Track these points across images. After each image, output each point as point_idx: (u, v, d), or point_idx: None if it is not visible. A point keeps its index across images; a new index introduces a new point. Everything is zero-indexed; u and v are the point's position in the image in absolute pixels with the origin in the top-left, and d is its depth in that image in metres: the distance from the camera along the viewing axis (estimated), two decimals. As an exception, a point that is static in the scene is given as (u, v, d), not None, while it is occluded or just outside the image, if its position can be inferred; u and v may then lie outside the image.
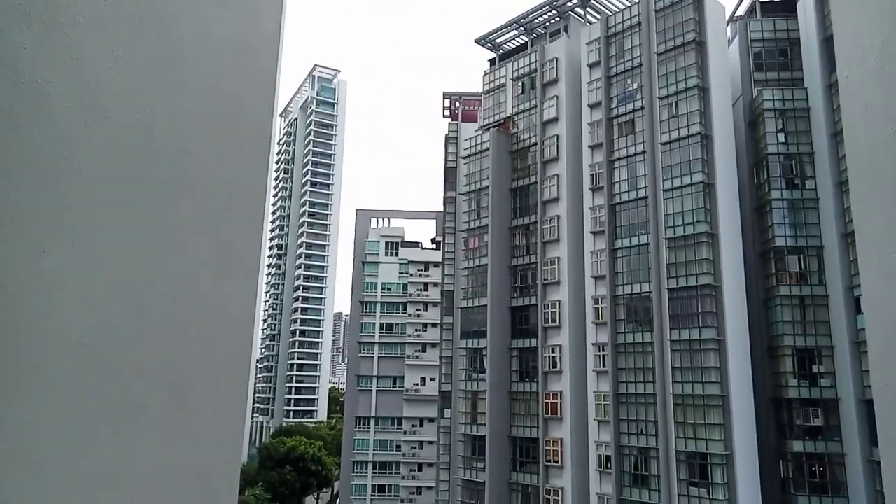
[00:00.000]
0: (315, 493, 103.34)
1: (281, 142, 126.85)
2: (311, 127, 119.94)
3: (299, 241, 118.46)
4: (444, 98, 60.89)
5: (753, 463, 31.94)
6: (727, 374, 32.25)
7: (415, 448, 70.98)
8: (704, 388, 32.57)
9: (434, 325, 67.38)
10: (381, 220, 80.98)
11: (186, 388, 1.30)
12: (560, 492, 37.29)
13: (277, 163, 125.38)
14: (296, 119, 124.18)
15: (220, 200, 1.40)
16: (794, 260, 34.09)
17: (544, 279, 40.89)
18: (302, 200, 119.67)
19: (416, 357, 71.80)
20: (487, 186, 44.56)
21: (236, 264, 1.44)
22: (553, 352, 39.62)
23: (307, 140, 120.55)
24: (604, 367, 36.89)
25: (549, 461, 38.13)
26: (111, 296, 1.19)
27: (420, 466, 70.24)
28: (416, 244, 78.34)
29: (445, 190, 51.80)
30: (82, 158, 1.16)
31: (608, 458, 35.45)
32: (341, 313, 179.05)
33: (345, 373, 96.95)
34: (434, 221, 76.84)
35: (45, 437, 1.08)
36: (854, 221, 1.66)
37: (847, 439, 31.06)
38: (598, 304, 38.13)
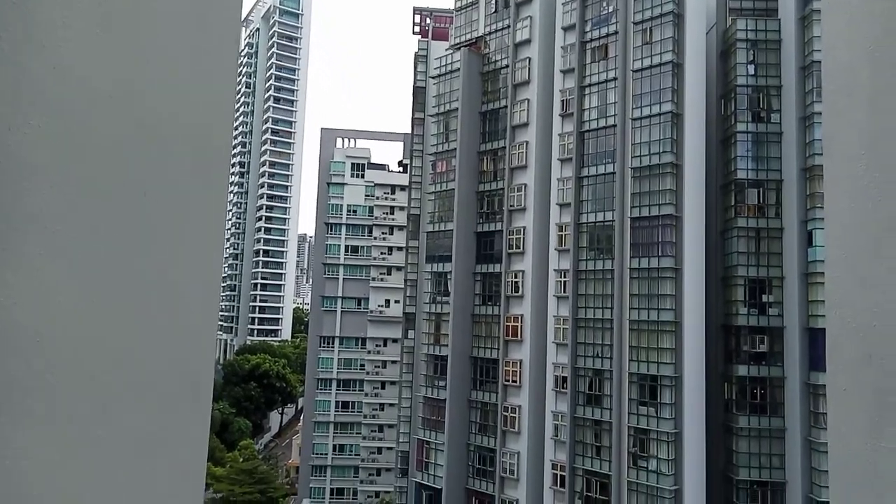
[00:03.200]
0: (279, 408, 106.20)
1: (242, 53, 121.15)
2: (275, 39, 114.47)
3: (262, 160, 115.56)
4: (414, 14, 58.48)
5: (700, 385, 33.78)
6: (682, 302, 33.51)
7: (378, 367, 72.83)
8: (659, 314, 33.84)
9: (399, 248, 67.65)
10: (346, 141, 79.26)
11: (149, 385, 1.26)
12: (517, 409, 39.01)
13: (238, 75, 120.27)
14: (257, 29, 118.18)
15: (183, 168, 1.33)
16: (754, 193, 34.87)
17: (510, 205, 41.06)
18: (265, 117, 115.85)
19: (381, 279, 72.42)
20: (457, 109, 43.71)
21: (199, 239, 1.37)
22: (516, 277, 40.37)
23: (270, 53, 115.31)
24: (564, 292, 37.85)
25: (508, 381, 39.63)
26: (71, 287, 1.12)
27: (383, 384, 72.34)
28: (382, 166, 77.30)
29: (414, 111, 50.68)
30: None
31: (564, 378, 37.00)
32: (305, 234, 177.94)
33: (309, 293, 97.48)
34: (401, 144, 75.61)
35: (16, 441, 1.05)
36: (824, 140, 1.66)
37: (788, 365, 33.03)
38: (562, 231, 38.65)
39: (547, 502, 37.09)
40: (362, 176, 75.80)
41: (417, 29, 57.65)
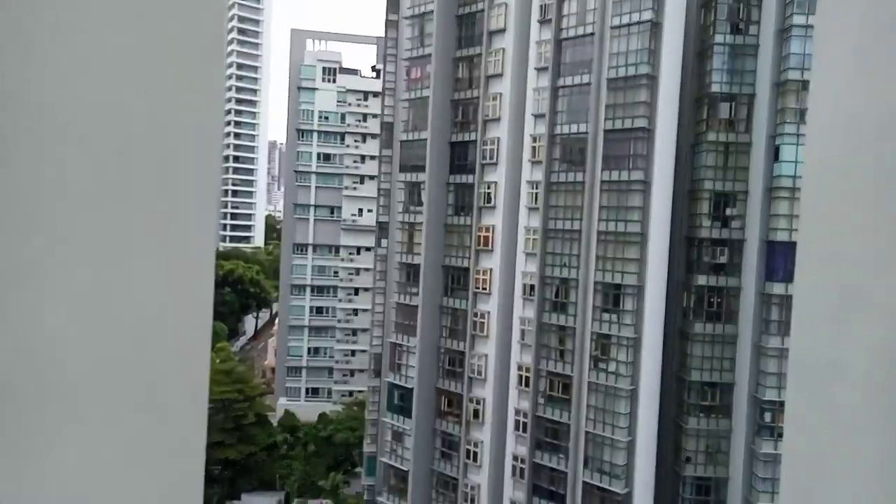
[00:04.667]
0: (254, 313, 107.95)
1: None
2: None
3: (229, 61, 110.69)
4: None
5: (661, 294, 35.34)
6: (649, 214, 34.38)
7: (352, 274, 73.94)
8: (627, 226, 34.74)
9: (373, 157, 66.90)
10: (317, 43, 76.05)
11: (145, 385, 1.24)
12: (486, 315, 40.49)
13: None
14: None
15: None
16: (726, 107, 35.02)
17: (485, 115, 40.63)
18: (230, 14, 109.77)
19: (355, 188, 72.08)
20: (433, 11, 42.10)
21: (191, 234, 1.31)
22: (489, 188, 40.63)
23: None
24: (536, 203, 38.38)
25: (479, 288, 40.84)
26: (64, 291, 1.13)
27: (357, 291, 73.75)
28: (355, 71, 74.83)
29: (387, 13, 48.60)
30: None
31: (532, 287, 38.26)
32: (276, 141, 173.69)
33: (281, 201, 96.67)
34: (374, 47, 72.91)
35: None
36: (815, 41, 1.68)
37: (745, 275, 34.61)
38: (536, 142, 38.63)
39: (512, 400, 39.36)
40: (334, 81, 73.40)
41: (392, -79, 54.17)
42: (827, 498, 1.49)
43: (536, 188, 38.46)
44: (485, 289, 40.57)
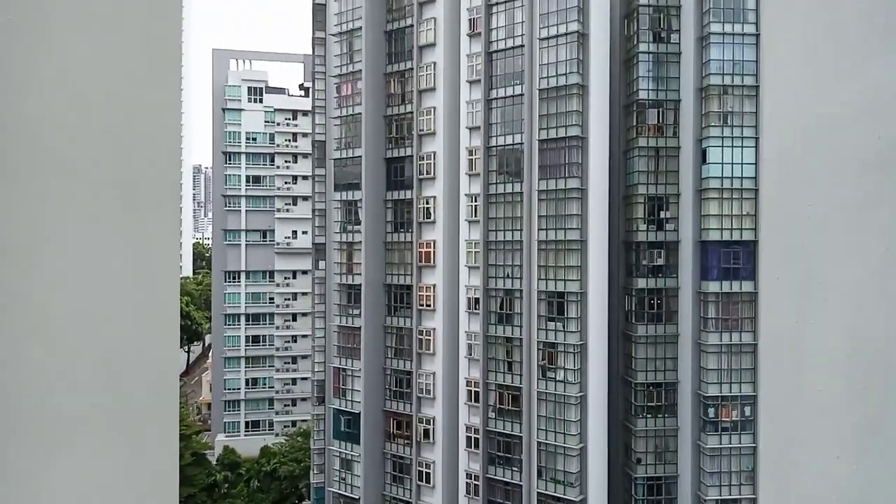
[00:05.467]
0: (186, 347, 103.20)
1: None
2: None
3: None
4: (308, -78, 54.15)
5: (603, 299, 35.83)
6: (587, 221, 34.89)
7: (288, 299, 71.75)
8: (566, 234, 35.12)
9: (305, 177, 65.45)
10: (241, 63, 74.11)
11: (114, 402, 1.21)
12: (432, 332, 39.91)
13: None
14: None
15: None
16: (654, 113, 36.20)
17: (420, 129, 40.39)
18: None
19: (287, 210, 70.21)
20: (360, 28, 41.69)
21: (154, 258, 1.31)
22: (427, 203, 40.29)
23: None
24: (475, 216, 38.31)
25: (423, 305, 40.25)
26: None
27: (294, 317, 71.59)
28: (282, 90, 73.25)
29: (314, 30, 47.82)
30: None
31: (477, 300, 38.04)
32: (201, 165, 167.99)
33: (209, 227, 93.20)
34: (301, 65, 71.63)
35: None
36: (763, 32, 1.72)
37: (682, 275, 35.61)
38: (472, 155, 38.66)
39: (462, 417, 38.82)
40: (261, 101, 71.59)
41: (313, -61, 53.60)
42: (802, 478, 1.56)
43: (475, 201, 38.40)
44: (429, 305, 40.02)
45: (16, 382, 1.05)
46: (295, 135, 70.27)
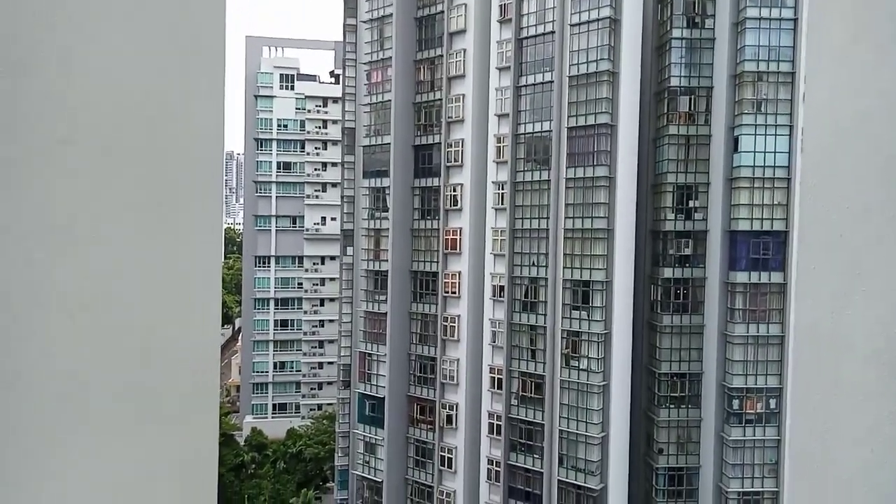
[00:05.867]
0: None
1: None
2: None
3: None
4: None
5: (629, 288, 35.56)
6: (614, 210, 34.62)
7: (317, 284, 72.71)
8: (593, 222, 34.91)
9: (334, 164, 66.12)
10: (273, 50, 74.97)
11: (154, 394, 1.23)
12: (457, 319, 40.11)
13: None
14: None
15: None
16: (686, 100, 35.63)
17: (449, 117, 40.47)
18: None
19: (317, 196, 71.02)
20: (391, 14, 41.85)
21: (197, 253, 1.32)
22: (455, 190, 40.41)
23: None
24: (502, 204, 38.31)
25: (448, 292, 40.47)
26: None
27: (322, 302, 72.55)
28: (313, 77, 73.95)
29: (345, 17, 48.15)
30: None
31: (502, 287, 38.09)
32: (233, 151, 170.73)
33: (240, 213, 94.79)
34: (332, 53, 72.21)
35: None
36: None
37: (710, 266, 35.12)
38: (500, 142, 38.61)
39: (485, 403, 39.01)
40: (292, 87, 72.39)
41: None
42: (834, 471, 1.56)
43: (502, 188, 38.38)
44: (454, 292, 40.21)
45: (58, 372, 1.08)
46: (325, 122, 70.98)
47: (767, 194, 33.70)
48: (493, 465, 38.43)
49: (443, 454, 40.49)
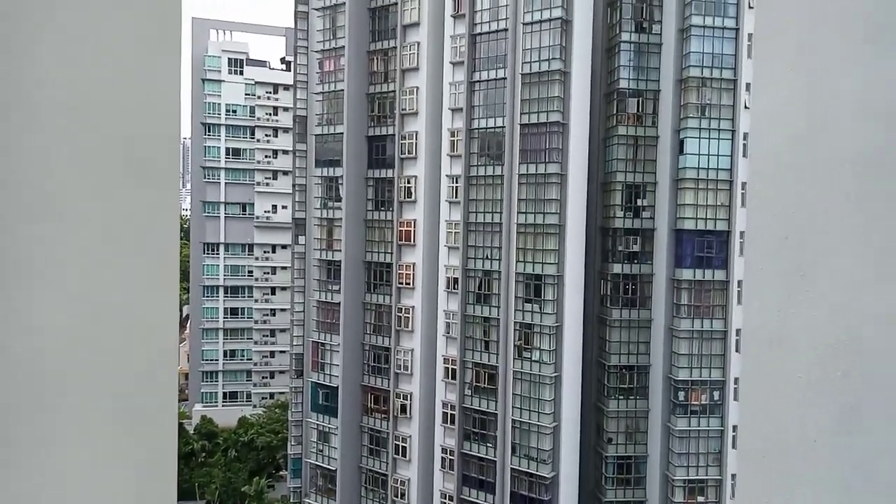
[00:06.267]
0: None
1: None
2: None
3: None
4: None
5: (579, 283, 36.63)
6: (565, 206, 35.46)
7: (267, 273, 71.70)
8: (545, 217, 35.67)
9: (286, 151, 64.94)
10: (221, 33, 72.60)
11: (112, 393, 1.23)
12: (411, 309, 40.47)
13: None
14: None
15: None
16: (634, 102, 36.61)
17: (402, 109, 40.36)
18: None
19: (267, 184, 69.70)
20: (344, 3, 41.20)
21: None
22: (408, 182, 40.48)
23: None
24: (456, 197, 38.65)
25: (402, 283, 40.73)
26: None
27: (274, 290, 71.63)
28: (263, 63, 72.08)
29: (297, 3, 47.11)
30: None
31: (456, 280, 38.60)
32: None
33: (188, 198, 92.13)
34: (283, 39, 70.50)
35: None
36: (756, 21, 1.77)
37: (657, 262, 36.49)
38: (454, 136, 38.82)
39: (439, 393, 39.67)
40: (241, 73, 70.41)
41: None
42: (780, 464, 1.60)
43: (456, 182, 38.70)
44: (408, 283, 40.51)
45: (10, 370, 1.07)
46: (276, 108, 69.45)
47: (711, 195, 35.17)
48: (447, 453, 39.26)
49: (397, 443, 41.06)
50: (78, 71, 1.15)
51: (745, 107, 34.06)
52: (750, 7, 34.17)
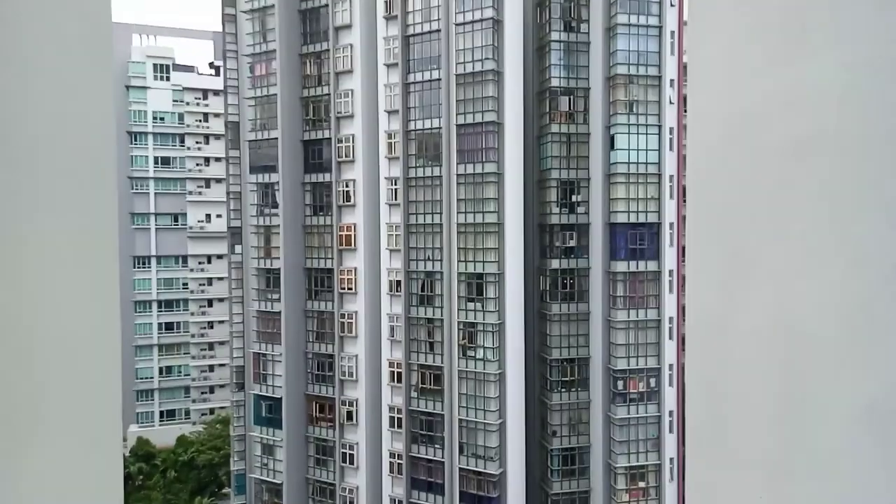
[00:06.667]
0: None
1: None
2: None
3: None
4: None
5: (520, 280, 37.12)
6: (503, 205, 35.90)
7: (203, 285, 69.40)
8: (484, 217, 36.01)
9: (218, 159, 63.13)
10: (144, 38, 70.00)
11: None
12: (354, 315, 40.02)
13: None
14: None
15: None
16: (566, 100, 37.48)
17: (338, 112, 39.95)
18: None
19: (200, 193, 67.53)
20: (273, 5, 40.49)
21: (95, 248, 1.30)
22: (347, 186, 40.08)
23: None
24: (396, 199, 38.52)
25: (344, 289, 40.24)
26: None
27: (210, 302, 69.40)
28: (190, 68, 69.86)
29: (223, 6, 45.94)
30: None
31: (398, 282, 38.43)
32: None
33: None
34: (211, 43, 68.60)
35: None
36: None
37: (593, 256, 37.39)
38: (391, 138, 38.71)
39: (385, 398, 39.34)
40: (168, 78, 68.03)
41: None
42: (726, 446, 1.66)
43: (395, 184, 38.58)
44: (350, 288, 40.06)
45: None
46: (206, 115, 67.44)
47: (641, 189, 36.36)
48: (395, 458, 38.95)
49: (344, 451, 40.46)
50: (9, 83, 1.11)
51: (670, 102, 35.41)
52: (672, 5, 35.64)
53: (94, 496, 1.27)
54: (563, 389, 37.56)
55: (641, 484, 36.49)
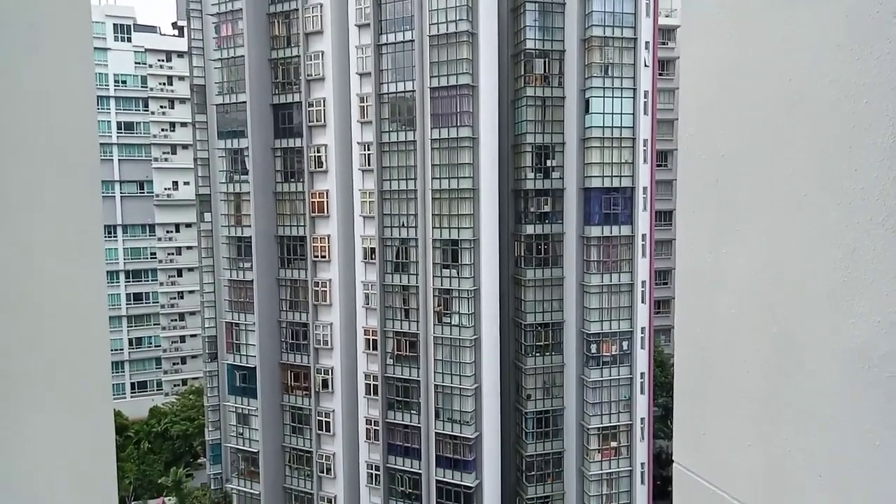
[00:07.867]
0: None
1: None
2: None
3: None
4: None
5: (494, 245, 37.04)
6: (478, 170, 35.55)
7: (172, 254, 68.01)
8: (459, 182, 35.65)
9: (184, 123, 61.24)
10: (103, -4, 67.01)
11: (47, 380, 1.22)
12: (328, 283, 39.63)
13: None
14: None
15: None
16: (540, 63, 36.98)
17: (308, 75, 38.86)
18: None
19: (166, 159, 65.64)
20: (238, -38, 38.89)
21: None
22: (319, 151, 39.24)
23: None
24: (369, 165, 37.88)
25: (317, 256, 39.73)
26: None
27: (180, 272, 68.16)
28: (152, 28, 67.18)
29: (186, -37, 44.08)
30: None
31: (373, 249, 38.06)
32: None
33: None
34: (174, 2, 65.93)
35: None
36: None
37: (567, 221, 37.45)
38: (363, 102, 37.87)
39: (361, 365, 39.31)
40: (129, 40, 65.32)
41: None
42: (716, 396, 1.69)
43: (368, 149, 37.90)
44: (324, 256, 39.58)
45: None
46: (170, 78, 65.10)
47: (616, 153, 36.31)
48: (371, 424, 39.10)
49: (320, 419, 40.48)
50: None
51: (645, 65, 35.18)
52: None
53: (87, 459, 1.30)
54: (537, 354, 37.93)
55: (613, 444, 37.31)
